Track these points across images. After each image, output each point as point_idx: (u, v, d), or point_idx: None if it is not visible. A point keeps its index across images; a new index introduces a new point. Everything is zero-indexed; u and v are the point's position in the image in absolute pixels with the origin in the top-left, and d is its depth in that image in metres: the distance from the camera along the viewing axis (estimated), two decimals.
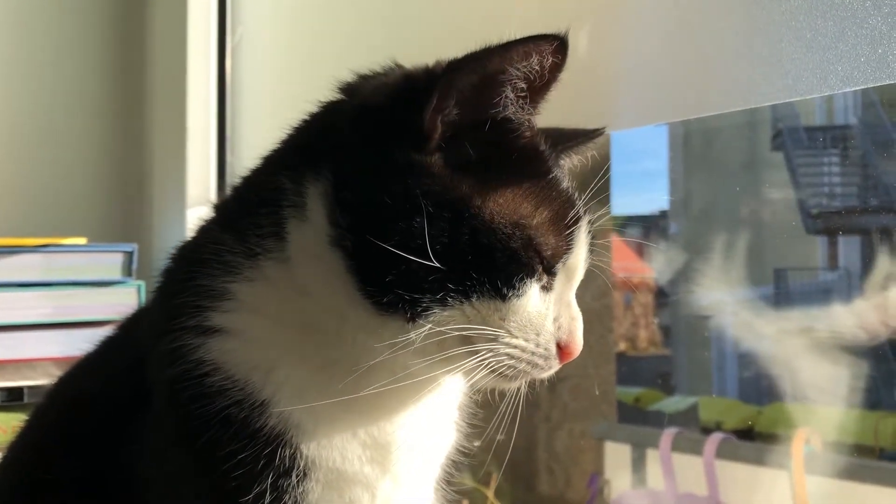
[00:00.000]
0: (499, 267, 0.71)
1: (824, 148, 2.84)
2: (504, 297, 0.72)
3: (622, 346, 3.65)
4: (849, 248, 2.75)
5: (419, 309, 0.70)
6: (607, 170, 0.85)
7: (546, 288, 0.75)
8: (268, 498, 0.71)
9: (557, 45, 0.71)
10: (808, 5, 0.89)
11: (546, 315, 0.74)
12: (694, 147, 3.30)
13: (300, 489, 0.73)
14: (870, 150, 2.66)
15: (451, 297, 0.70)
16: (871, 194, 2.59)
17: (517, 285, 0.72)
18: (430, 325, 0.70)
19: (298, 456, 0.73)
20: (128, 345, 0.86)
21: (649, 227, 3.48)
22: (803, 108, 2.82)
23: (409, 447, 0.79)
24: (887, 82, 0.82)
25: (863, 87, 0.84)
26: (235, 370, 0.73)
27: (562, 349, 0.75)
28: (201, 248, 0.79)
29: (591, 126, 0.89)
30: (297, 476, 0.72)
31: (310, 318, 0.75)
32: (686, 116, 1.04)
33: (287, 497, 0.72)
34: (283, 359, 0.74)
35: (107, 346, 0.90)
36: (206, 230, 0.82)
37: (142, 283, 1.56)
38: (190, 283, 0.77)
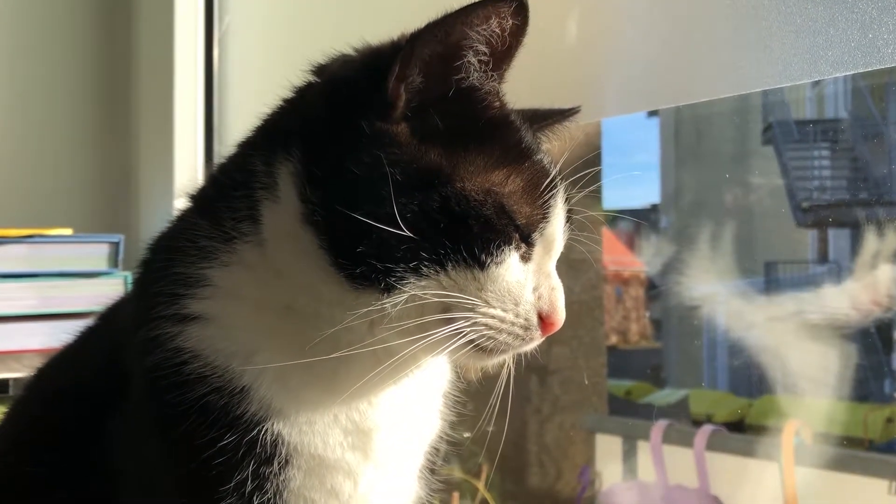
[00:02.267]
0: (473, 234, 0.70)
1: (814, 141, 2.85)
2: (482, 266, 0.71)
3: (613, 339, 3.65)
4: (839, 240, 2.75)
5: (393, 279, 0.69)
6: (598, 161, 0.85)
7: (525, 258, 0.74)
8: (249, 486, 0.71)
9: (517, 6, 0.70)
10: None
11: (525, 284, 0.74)
12: (685, 140, 3.30)
13: (282, 477, 0.72)
14: (860, 143, 2.66)
15: (425, 265, 0.70)
16: (862, 187, 2.60)
17: (494, 252, 0.71)
18: (405, 296, 0.70)
19: (280, 443, 0.72)
20: (107, 336, 0.86)
21: (640, 220, 3.48)
22: (794, 100, 2.83)
23: (392, 434, 0.78)
24: (877, 67, 0.81)
25: (853, 72, 0.84)
26: (214, 357, 0.73)
27: (543, 320, 0.74)
28: (178, 236, 0.78)
29: (586, 111, 0.89)
30: (278, 463, 0.72)
31: (287, 300, 0.74)
32: (675, 103, 1.04)
33: (269, 485, 0.72)
34: (263, 343, 0.74)
35: (86, 337, 0.89)
36: (182, 218, 0.82)
37: (128, 273, 1.55)
38: (167, 271, 0.76)
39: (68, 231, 1.57)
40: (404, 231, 0.69)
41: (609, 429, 2.42)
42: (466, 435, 0.90)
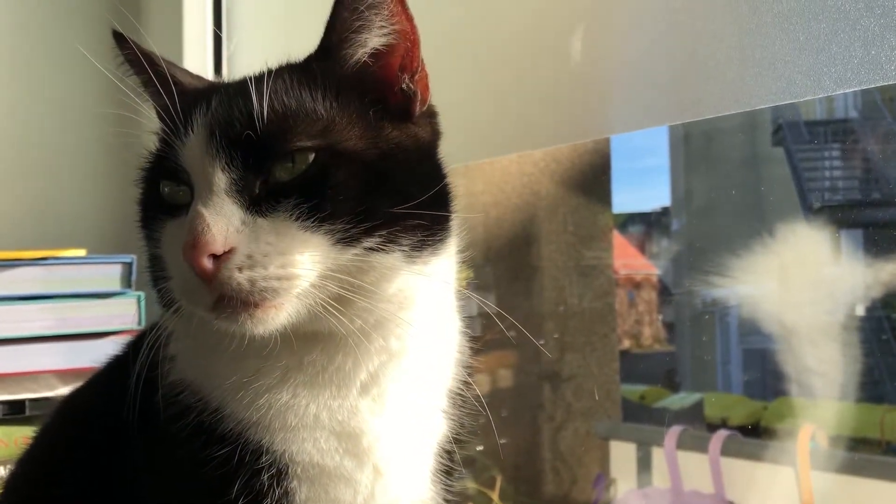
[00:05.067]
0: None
1: (825, 142, 2.83)
2: (157, 246, 0.77)
3: (626, 343, 3.64)
4: (851, 242, 2.73)
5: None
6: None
7: (173, 213, 0.76)
8: (244, 498, 0.73)
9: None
10: (800, 8, 0.88)
11: (175, 239, 0.73)
12: (695, 143, 3.29)
13: (280, 489, 0.73)
14: (871, 144, 2.65)
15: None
16: (873, 188, 2.58)
17: (154, 228, 0.78)
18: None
19: (263, 453, 0.74)
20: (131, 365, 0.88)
21: (651, 223, 3.47)
22: (803, 102, 2.81)
23: (387, 437, 0.78)
24: (881, 84, 0.81)
25: (857, 88, 0.84)
26: (193, 386, 0.77)
27: (188, 258, 0.68)
28: None
29: (592, 128, 0.89)
30: (269, 475, 0.73)
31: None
32: (681, 120, 1.04)
33: (268, 499, 0.73)
34: (211, 366, 0.77)
35: (114, 365, 0.92)
36: None
37: (141, 293, 1.56)
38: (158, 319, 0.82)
39: (82, 252, 1.58)
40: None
41: (623, 435, 2.42)
42: (479, 448, 0.90)
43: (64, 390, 1.43)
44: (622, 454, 2.37)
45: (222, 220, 0.68)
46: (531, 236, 2.43)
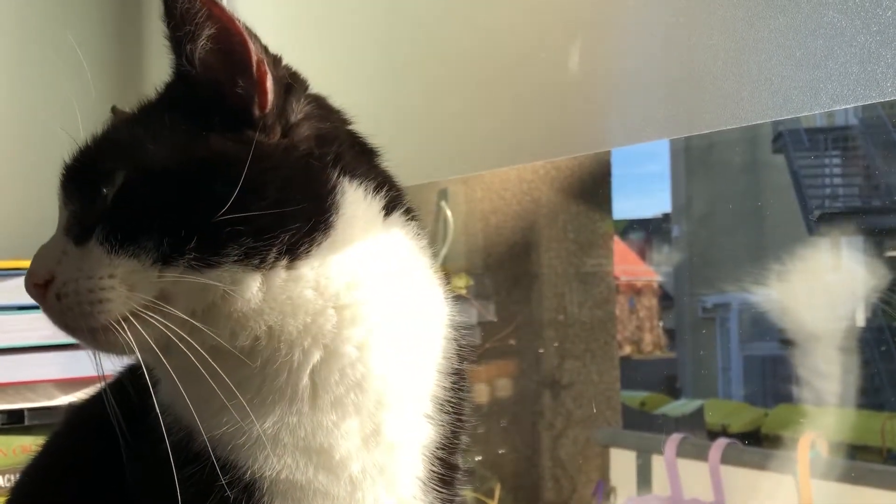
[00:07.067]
0: None
1: (825, 149, 2.84)
2: None
3: (627, 349, 3.65)
4: (851, 249, 2.74)
5: None
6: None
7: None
8: None
9: None
10: (797, 24, 0.89)
11: None
12: (695, 150, 3.30)
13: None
14: (871, 151, 2.66)
15: None
16: (874, 195, 2.59)
17: None
18: None
19: (231, 470, 0.73)
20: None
21: (652, 230, 3.48)
22: None
23: (359, 448, 0.76)
24: (878, 100, 0.81)
25: (854, 104, 0.84)
26: (171, 406, 0.76)
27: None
28: None
29: (589, 142, 0.89)
30: (236, 493, 0.72)
31: None
32: (678, 135, 1.04)
33: None
34: (177, 387, 0.75)
35: (125, 375, 0.92)
36: None
37: None
38: None
39: None
40: None
41: (623, 443, 2.42)
42: (478, 458, 0.89)
43: (63, 400, 1.43)
44: (622, 462, 2.37)
45: (47, 252, 0.74)
46: (531, 243, 2.43)
